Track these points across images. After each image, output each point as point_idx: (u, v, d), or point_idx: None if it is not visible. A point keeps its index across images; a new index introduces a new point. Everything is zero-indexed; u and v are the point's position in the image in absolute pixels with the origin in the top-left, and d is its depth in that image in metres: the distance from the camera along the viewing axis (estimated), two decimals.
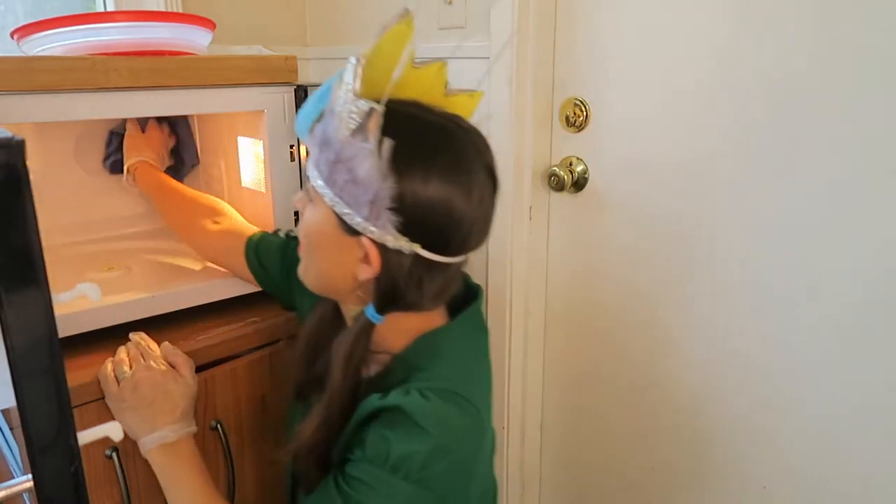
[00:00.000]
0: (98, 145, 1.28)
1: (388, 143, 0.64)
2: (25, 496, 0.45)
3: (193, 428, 0.85)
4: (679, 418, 1.18)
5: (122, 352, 0.87)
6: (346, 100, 0.66)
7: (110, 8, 1.35)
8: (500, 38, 1.18)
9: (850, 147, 0.92)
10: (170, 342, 0.90)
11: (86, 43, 0.92)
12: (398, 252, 0.68)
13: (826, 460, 1.01)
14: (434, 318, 0.78)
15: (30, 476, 0.42)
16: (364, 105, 0.65)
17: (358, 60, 0.66)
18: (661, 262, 1.15)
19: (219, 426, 0.94)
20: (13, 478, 0.43)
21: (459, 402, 0.71)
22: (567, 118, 1.22)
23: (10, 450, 0.81)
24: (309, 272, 0.78)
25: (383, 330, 0.75)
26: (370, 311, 0.73)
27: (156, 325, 0.94)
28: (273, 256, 0.96)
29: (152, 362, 0.85)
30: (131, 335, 0.91)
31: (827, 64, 0.92)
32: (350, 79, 0.66)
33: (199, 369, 0.90)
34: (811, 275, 0.98)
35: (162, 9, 1.33)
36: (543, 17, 1.18)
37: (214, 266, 1.08)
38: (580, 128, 1.21)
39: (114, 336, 0.92)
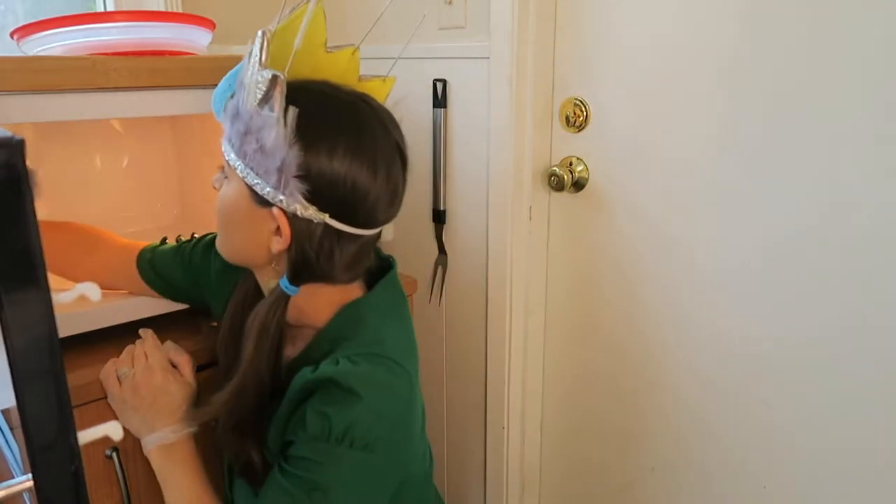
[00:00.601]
0: (98, 144, 1.28)
1: (292, 111, 0.66)
2: (25, 496, 0.45)
3: (194, 428, 0.85)
4: (679, 418, 1.18)
5: (127, 351, 0.87)
6: (253, 72, 0.68)
7: (110, 8, 1.35)
8: (500, 38, 1.18)
9: (850, 148, 0.92)
10: (170, 342, 0.90)
11: (86, 43, 0.92)
12: (308, 221, 0.70)
13: (826, 460, 1.01)
14: (353, 290, 0.80)
15: (30, 476, 0.42)
16: (268, 74, 0.67)
17: (263, 33, 0.69)
18: (660, 261, 1.15)
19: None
20: (13, 478, 0.43)
21: (387, 364, 0.74)
22: (567, 118, 1.22)
23: (10, 450, 0.81)
24: (224, 246, 0.80)
25: (303, 304, 0.77)
26: (284, 283, 0.74)
27: (156, 325, 0.94)
28: (170, 264, 0.95)
29: (154, 362, 0.85)
30: (141, 331, 0.91)
31: (827, 65, 0.92)
32: (256, 51, 0.69)
33: (199, 369, 0.90)
34: (812, 275, 0.98)
35: (162, 9, 1.33)
36: (543, 17, 1.18)
37: None
38: (580, 128, 1.21)
39: (114, 336, 0.92)
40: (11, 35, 0.97)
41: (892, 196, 0.89)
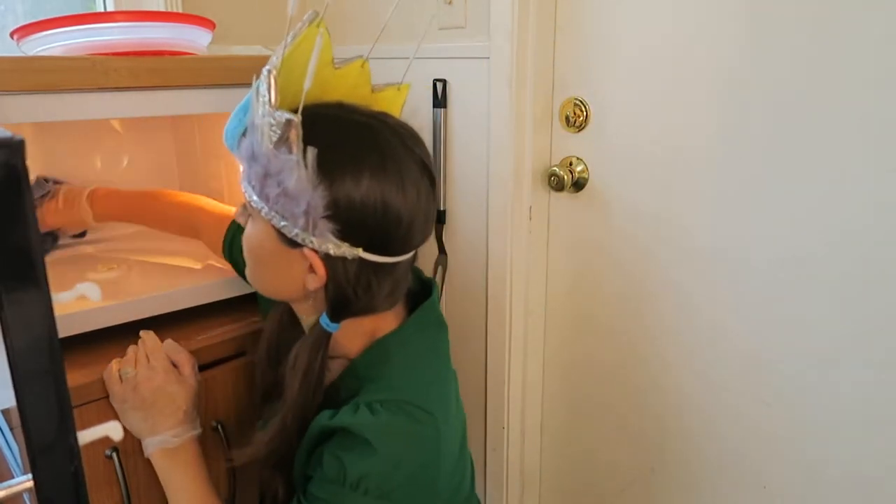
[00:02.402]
0: (98, 144, 1.28)
1: (311, 152, 0.63)
2: (25, 496, 0.45)
3: (197, 430, 0.85)
4: (679, 418, 1.18)
5: (130, 351, 0.87)
6: (264, 112, 0.65)
7: (110, 8, 1.35)
8: (499, 38, 1.18)
9: (850, 148, 0.92)
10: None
11: (86, 43, 0.92)
12: (342, 259, 0.68)
13: (826, 460, 1.01)
14: (388, 319, 0.78)
15: (30, 476, 0.42)
16: (281, 116, 0.64)
17: (269, 71, 0.66)
18: (661, 262, 1.15)
19: (219, 427, 0.94)
20: (13, 478, 0.43)
21: (409, 411, 0.71)
22: (567, 118, 1.22)
23: (10, 450, 0.81)
24: (257, 281, 0.78)
25: (338, 335, 0.75)
26: (324, 321, 0.72)
27: (156, 325, 0.94)
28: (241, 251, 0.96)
29: (156, 363, 0.84)
30: (142, 333, 0.91)
31: (828, 65, 0.92)
32: (265, 91, 0.65)
33: (199, 369, 0.90)
34: (813, 275, 0.98)
35: (162, 9, 1.33)
36: (543, 16, 1.18)
37: (214, 265, 1.08)
38: (580, 128, 1.21)
39: (114, 336, 0.92)
40: (11, 35, 0.97)
41: (894, 195, 0.89)
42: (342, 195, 0.65)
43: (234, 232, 0.96)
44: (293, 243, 0.68)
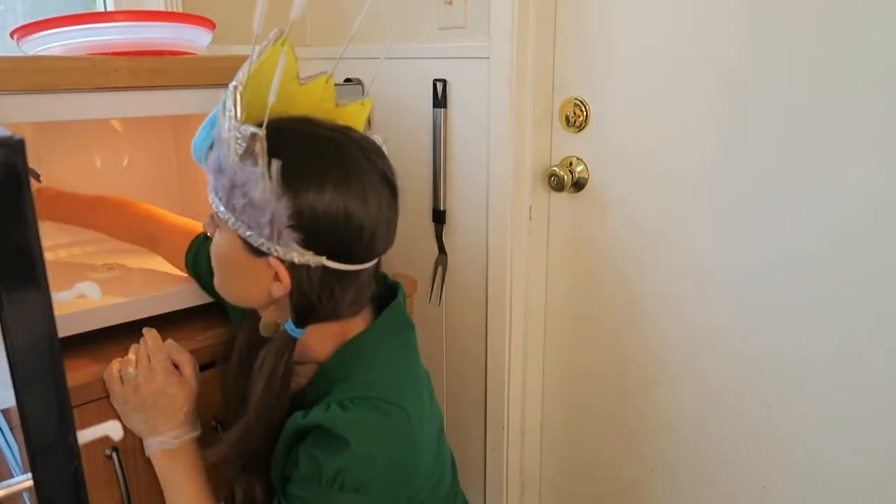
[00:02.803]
0: (98, 144, 1.28)
1: (276, 164, 0.65)
2: (25, 495, 0.45)
3: (197, 431, 0.85)
4: (679, 418, 1.18)
5: (131, 351, 0.87)
6: (230, 126, 0.67)
7: (110, 8, 1.35)
8: (499, 38, 1.18)
9: (850, 148, 0.92)
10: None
11: (86, 43, 0.92)
12: (306, 267, 0.70)
13: (826, 460, 1.01)
14: (356, 323, 0.80)
15: (30, 475, 0.42)
16: (246, 130, 0.66)
17: (235, 87, 0.68)
18: (660, 262, 1.15)
19: (219, 427, 0.94)
20: (13, 477, 0.43)
21: (381, 406, 0.73)
22: (567, 118, 1.22)
23: (10, 449, 0.81)
24: (224, 290, 0.80)
25: (306, 340, 0.77)
26: (289, 327, 0.74)
27: (156, 326, 0.94)
28: (206, 260, 0.95)
29: (156, 364, 0.85)
30: (144, 331, 0.91)
31: (827, 66, 0.92)
32: (231, 105, 0.68)
33: (199, 369, 0.90)
34: (812, 275, 0.98)
35: (162, 9, 1.32)
36: (543, 17, 1.18)
37: None
38: (580, 128, 1.21)
39: (114, 336, 0.92)
40: (11, 35, 0.97)
41: (895, 196, 0.89)
42: (306, 206, 0.67)
43: (199, 246, 0.97)
44: (259, 252, 0.70)
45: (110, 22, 0.94)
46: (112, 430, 0.59)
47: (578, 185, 1.23)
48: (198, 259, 0.97)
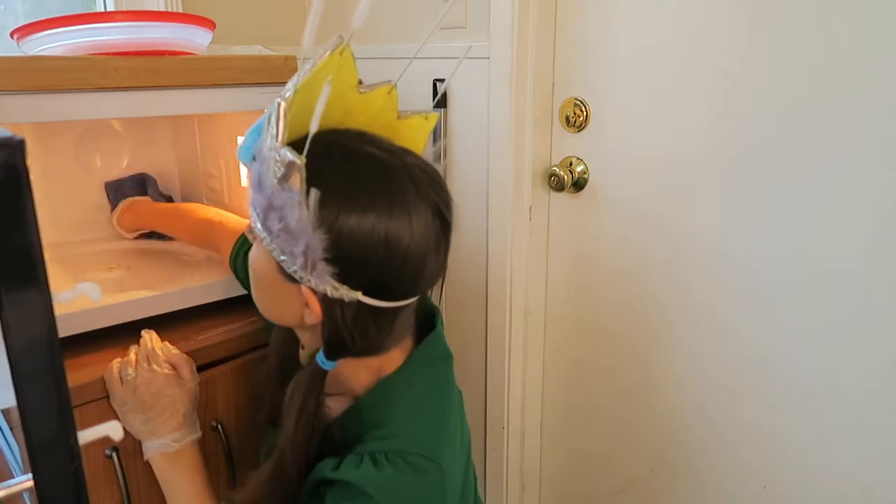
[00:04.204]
0: (98, 144, 1.28)
1: (314, 194, 0.59)
2: (26, 496, 0.45)
3: (197, 434, 0.85)
4: (679, 418, 1.18)
5: (131, 352, 0.87)
6: (271, 146, 0.61)
7: (110, 8, 1.35)
8: (500, 38, 1.18)
9: (851, 148, 0.92)
10: (170, 342, 0.90)
11: (86, 43, 0.92)
12: (340, 301, 0.65)
13: (826, 460, 1.01)
14: (394, 354, 0.75)
15: (30, 476, 0.42)
16: (286, 155, 0.60)
17: (279, 104, 0.62)
18: (661, 262, 1.15)
19: (219, 427, 0.94)
20: (13, 477, 0.43)
21: (414, 462, 0.69)
22: (567, 118, 1.22)
23: (10, 450, 0.81)
24: (258, 304, 0.76)
25: (343, 371, 0.73)
26: (320, 358, 0.70)
27: (156, 325, 0.94)
28: (244, 265, 0.94)
29: (155, 366, 0.84)
30: (143, 332, 0.91)
31: (827, 65, 0.92)
32: (274, 123, 0.62)
33: (199, 369, 0.90)
34: (813, 275, 0.98)
35: (162, 9, 1.33)
36: (543, 17, 1.18)
37: (214, 265, 1.08)
38: (580, 128, 1.21)
39: (114, 336, 0.92)
40: (11, 35, 0.97)
41: (893, 194, 0.89)
42: (344, 239, 0.62)
43: (241, 246, 0.95)
44: (292, 278, 0.65)
45: (110, 22, 0.94)
46: (112, 430, 0.59)
47: (578, 185, 1.23)
48: (238, 259, 0.95)
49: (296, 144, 0.61)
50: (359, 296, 0.65)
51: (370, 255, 0.63)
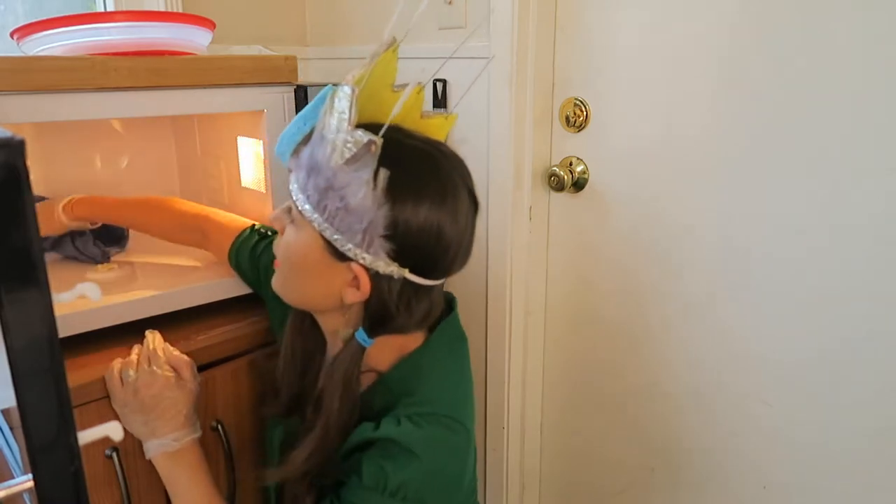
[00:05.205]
0: (98, 144, 1.28)
1: (383, 173, 0.65)
2: (26, 496, 0.45)
3: (197, 433, 0.85)
4: (679, 418, 1.18)
5: (133, 352, 0.87)
6: (341, 129, 0.66)
7: (110, 8, 1.35)
8: (499, 38, 1.18)
9: (852, 148, 0.92)
10: (170, 342, 0.90)
11: (86, 43, 0.92)
12: (388, 277, 0.70)
13: (826, 460, 1.01)
14: (415, 336, 0.80)
15: (30, 476, 0.42)
16: (362, 136, 0.65)
17: (353, 90, 0.67)
18: (661, 262, 1.15)
19: (219, 426, 0.94)
20: (13, 478, 0.43)
21: (448, 424, 0.74)
22: (567, 118, 1.22)
23: (10, 450, 0.81)
24: (288, 290, 0.79)
25: (369, 349, 0.76)
26: (361, 335, 0.75)
27: (156, 325, 0.94)
28: (247, 255, 0.97)
29: (156, 368, 0.84)
30: (147, 332, 0.91)
31: (828, 66, 0.92)
32: (345, 107, 0.67)
33: (199, 369, 0.90)
34: (812, 274, 0.98)
35: (162, 9, 1.33)
36: (543, 17, 1.18)
37: (214, 265, 1.08)
38: (580, 128, 1.21)
39: (114, 336, 0.92)
40: (11, 35, 0.97)
41: (893, 193, 0.89)
42: (402, 219, 0.67)
43: (242, 241, 0.98)
44: (342, 256, 0.70)
45: (110, 22, 0.94)
46: (112, 430, 0.59)
47: (578, 185, 1.23)
48: (240, 253, 0.98)
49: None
50: (406, 273, 0.70)
51: (423, 235, 0.69)
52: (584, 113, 1.19)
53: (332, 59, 1.52)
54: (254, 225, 1.00)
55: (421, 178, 0.70)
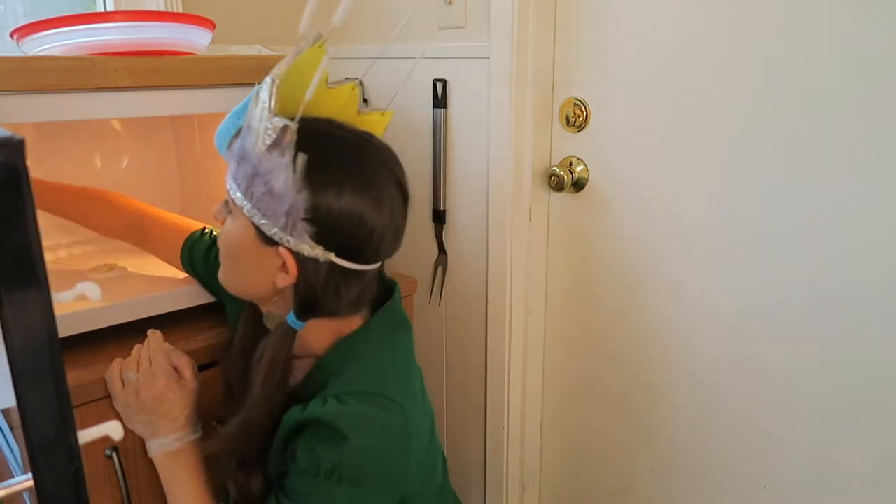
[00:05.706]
0: (98, 144, 1.28)
1: (301, 158, 0.68)
2: (26, 495, 0.45)
3: (198, 434, 0.86)
4: (679, 418, 1.18)
5: (134, 351, 0.88)
6: (262, 117, 0.69)
7: (110, 8, 1.35)
8: (500, 38, 1.18)
9: (853, 148, 0.92)
10: (170, 342, 0.90)
11: (86, 43, 0.92)
12: (314, 260, 0.72)
13: (826, 461, 1.01)
14: (354, 320, 0.82)
15: (30, 475, 0.42)
16: (279, 122, 0.68)
17: (273, 80, 0.70)
18: (660, 262, 1.15)
19: (219, 427, 0.94)
20: (13, 477, 0.43)
21: (377, 401, 0.75)
22: (567, 118, 1.22)
23: (10, 450, 0.81)
24: (228, 279, 0.81)
25: (304, 335, 0.79)
26: (291, 319, 0.76)
27: (156, 325, 0.94)
28: (201, 256, 0.98)
29: (157, 368, 0.85)
30: (149, 332, 0.91)
31: (828, 65, 0.92)
32: (266, 97, 0.70)
33: (199, 369, 0.90)
34: (812, 274, 0.98)
35: (162, 9, 1.33)
36: (543, 17, 1.18)
37: None
38: (580, 128, 1.21)
39: (114, 336, 0.92)
40: (11, 35, 0.97)
41: (893, 198, 0.89)
42: (323, 203, 0.70)
43: (194, 243, 0.99)
44: (270, 241, 0.72)
45: (110, 22, 0.94)
46: (112, 430, 0.59)
47: (578, 185, 1.23)
48: (193, 255, 0.98)
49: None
50: (331, 257, 0.72)
51: (345, 221, 0.71)
52: (584, 113, 1.19)
53: (331, 59, 1.52)
54: (204, 228, 1.01)
55: (344, 166, 0.72)
